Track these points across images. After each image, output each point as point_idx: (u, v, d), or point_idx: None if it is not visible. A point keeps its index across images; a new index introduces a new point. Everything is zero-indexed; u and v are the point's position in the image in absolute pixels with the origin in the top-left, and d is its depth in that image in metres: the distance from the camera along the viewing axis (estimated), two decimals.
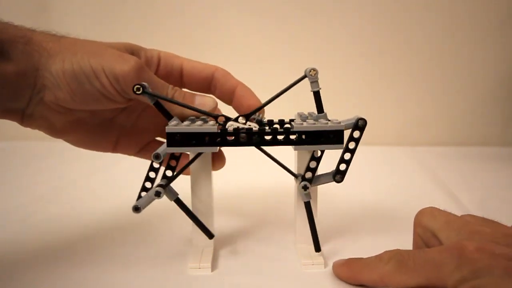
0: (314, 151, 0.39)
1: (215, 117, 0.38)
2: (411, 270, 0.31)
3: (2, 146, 0.94)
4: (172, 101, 0.38)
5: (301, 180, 0.39)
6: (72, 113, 0.39)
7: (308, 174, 0.39)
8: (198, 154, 0.39)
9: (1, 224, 0.51)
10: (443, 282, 0.28)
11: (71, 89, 0.36)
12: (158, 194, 0.38)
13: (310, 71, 0.37)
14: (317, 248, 0.40)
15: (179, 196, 0.39)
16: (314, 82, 0.38)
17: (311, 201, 0.42)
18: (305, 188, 0.39)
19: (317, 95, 0.38)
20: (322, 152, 0.39)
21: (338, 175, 0.39)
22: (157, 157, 0.37)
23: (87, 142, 0.42)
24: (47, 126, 0.39)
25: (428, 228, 0.35)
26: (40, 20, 0.91)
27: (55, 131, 0.39)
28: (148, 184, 0.40)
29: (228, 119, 0.38)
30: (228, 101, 0.43)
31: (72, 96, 0.36)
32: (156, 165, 0.40)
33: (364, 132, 0.38)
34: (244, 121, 0.39)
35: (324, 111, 0.39)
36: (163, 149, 0.38)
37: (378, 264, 0.33)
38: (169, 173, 0.40)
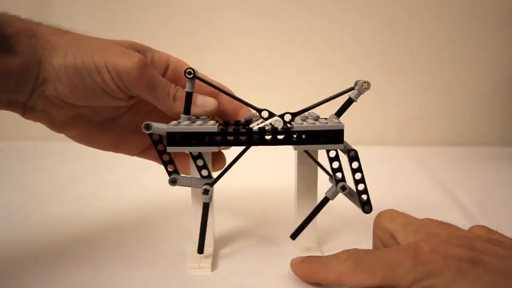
0: (328, 152, 0.39)
1: (259, 111, 0.38)
2: (368, 270, 0.31)
3: (2, 146, 0.94)
4: (217, 88, 0.38)
5: (336, 183, 0.39)
6: (73, 109, 0.39)
7: (339, 175, 0.39)
8: (246, 149, 0.38)
9: (1, 224, 0.51)
10: (398, 281, 0.29)
11: (72, 83, 0.36)
12: (206, 192, 0.38)
13: (363, 84, 0.38)
14: (294, 237, 0.41)
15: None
16: (359, 93, 0.39)
17: (310, 201, 0.42)
18: (343, 188, 0.39)
19: (349, 103, 0.39)
20: (337, 151, 0.39)
21: (366, 206, 0.40)
22: (147, 127, 0.37)
23: (88, 139, 0.42)
24: (48, 120, 0.39)
25: (387, 229, 0.36)
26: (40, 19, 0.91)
27: (55, 125, 0.39)
28: (165, 157, 0.39)
29: (271, 114, 0.38)
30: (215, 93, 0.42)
31: (73, 90, 0.36)
32: (155, 138, 0.39)
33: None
34: (289, 119, 0.38)
35: (322, 110, 0.40)
36: (158, 124, 0.37)
37: (336, 263, 0.33)
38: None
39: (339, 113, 0.40)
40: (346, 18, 0.92)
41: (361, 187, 0.39)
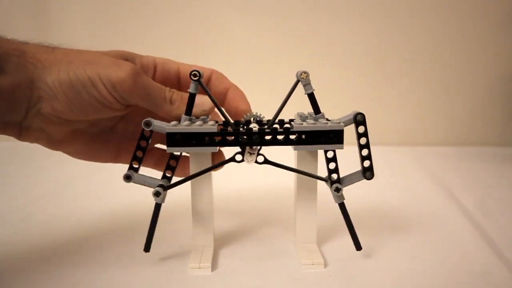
0: (326, 152, 0.39)
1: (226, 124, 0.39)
2: None
3: (2, 146, 0.94)
4: (213, 100, 0.38)
5: (331, 183, 0.39)
6: (70, 124, 0.38)
7: (334, 176, 0.39)
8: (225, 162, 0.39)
9: (0, 224, 0.51)
10: None
11: (69, 99, 0.36)
12: (157, 195, 0.38)
13: (301, 74, 0.37)
14: (358, 247, 0.41)
15: (162, 204, 0.39)
16: (307, 84, 0.38)
17: (310, 201, 0.42)
18: (337, 190, 0.39)
19: (311, 97, 0.38)
20: (334, 152, 0.39)
21: (367, 172, 0.40)
22: (147, 124, 0.37)
23: (87, 153, 0.42)
24: (45, 138, 0.38)
25: None
26: (39, 23, 0.91)
27: (53, 143, 0.39)
28: (139, 154, 0.39)
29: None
30: (221, 103, 0.42)
31: (70, 106, 0.36)
32: (147, 134, 0.39)
33: None
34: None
35: (321, 111, 0.39)
36: (159, 122, 0.38)
37: None
38: (169, 173, 0.40)
39: (316, 110, 0.39)
40: (346, 18, 0.92)
41: (365, 152, 0.39)
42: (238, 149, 0.39)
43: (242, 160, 0.39)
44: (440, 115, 0.96)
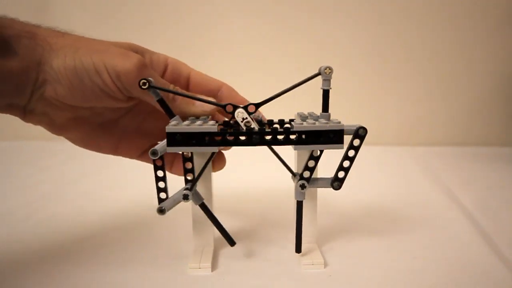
0: (313, 150, 0.39)
1: (223, 106, 0.38)
2: None
3: (2, 146, 0.94)
4: (177, 93, 0.38)
5: (299, 178, 0.39)
6: (73, 110, 0.39)
7: (306, 174, 0.39)
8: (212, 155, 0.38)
9: (2, 223, 0.51)
10: None
11: (72, 84, 0.36)
12: (186, 197, 0.38)
13: (325, 69, 0.37)
14: (298, 249, 0.40)
15: (204, 201, 0.39)
16: (327, 80, 0.38)
17: (310, 201, 0.42)
18: (302, 186, 0.39)
19: (326, 94, 0.38)
20: (321, 151, 0.39)
21: (336, 182, 0.39)
22: (154, 153, 0.37)
23: (88, 141, 0.42)
24: (48, 122, 0.39)
25: None
26: (39, 22, 0.91)
27: (56, 127, 0.39)
28: (161, 184, 0.39)
29: (236, 107, 0.38)
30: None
31: (72, 91, 0.36)
32: (159, 163, 0.39)
33: None
34: (253, 110, 0.38)
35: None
36: (161, 146, 0.37)
37: None
38: (189, 176, 0.40)
39: (325, 108, 0.39)
40: (346, 19, 0.92)
41: (346, 164, 0.39)
42: (238, 149, 0.39)
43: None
44: (440, 115, 0.96)
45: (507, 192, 0.63)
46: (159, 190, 0.39)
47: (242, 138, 0.38)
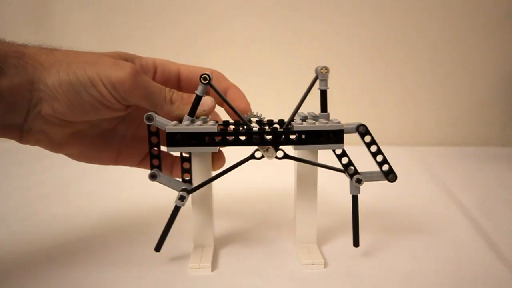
0: (334, 150, 0.39)
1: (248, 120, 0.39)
2: None
3: (2, 146, 0.94)
4: (220, 95, 0.38)
5: (351, 175, 0.40)
6: (71, 125, 0.38)
7: (351, 169, 0.40)
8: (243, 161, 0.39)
9: (2, 223, 0.51)
10: None
11: (69, 100, 0.36)
12: (182, 199, 0.38)
13: (321, 69, 0.38)
14: (356, 243, 0.41)
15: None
16: (324, 80, 0.38)
17: (310, 201, 0.42)
18: (359, 181, 0.40)
19: (323, 94, 0.38)
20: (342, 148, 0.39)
21: (390, 175, 0.41)
22: (149, 118, 0.37)
23: (89, 154, 0.42)
24: (47, 141, 0.38)
25: None
26: (39, 26, 0.91)
27: (55, 145, 0.39)
28: (154, 151, 0.39)
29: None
30: (220, 103, 0.42)
31: (70, 107, 0.36)
32: (153, 129, 0.39)
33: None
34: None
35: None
36: (160, 118, 0.38)
37: None
38: (187, 176, 0.41)
39: (323, 108, 0.39)
40: (346, 19, 0.92)
41: (379, 158, 0.40)
42: (238, 149, 0.39)
43: (262, 157, 0.39)
44: (440, 115, 0.96)
45: (507, 192, 0.63)
46: (152, 156, 0.39)
47: (242, 138, 0.38)
